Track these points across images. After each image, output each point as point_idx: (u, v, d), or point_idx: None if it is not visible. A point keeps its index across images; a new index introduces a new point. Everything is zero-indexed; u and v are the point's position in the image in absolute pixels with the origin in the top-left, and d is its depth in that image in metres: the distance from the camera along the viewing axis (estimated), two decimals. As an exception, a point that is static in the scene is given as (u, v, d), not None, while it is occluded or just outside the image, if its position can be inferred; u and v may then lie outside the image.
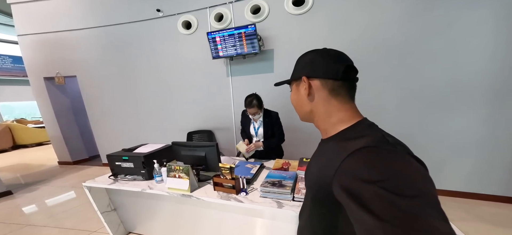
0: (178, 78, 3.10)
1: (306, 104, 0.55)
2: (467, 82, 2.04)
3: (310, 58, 0.54)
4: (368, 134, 0.43)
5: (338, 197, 0.39)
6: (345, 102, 0.51)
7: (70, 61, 3.57)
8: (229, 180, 1.29)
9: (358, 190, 0.34)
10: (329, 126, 0.52)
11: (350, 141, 0.43)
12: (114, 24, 3.17)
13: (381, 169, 0.34)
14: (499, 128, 2.04)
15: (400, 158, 0.36)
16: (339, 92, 0.50)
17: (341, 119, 0.50)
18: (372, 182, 0.33)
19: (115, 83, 3.46)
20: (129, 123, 3.60)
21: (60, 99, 4.11)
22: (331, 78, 0.50)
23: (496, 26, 1.88)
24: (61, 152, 4.32)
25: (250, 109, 1.78)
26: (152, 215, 1.79)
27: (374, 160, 0.36)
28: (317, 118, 0.55)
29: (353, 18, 2.27)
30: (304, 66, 0.54)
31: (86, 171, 3.99)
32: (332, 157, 0.43)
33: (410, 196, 0.30)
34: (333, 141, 0.49)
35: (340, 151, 0.42)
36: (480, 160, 2.15)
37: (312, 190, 0.52)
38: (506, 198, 2.12)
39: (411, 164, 0.35)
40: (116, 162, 1.67)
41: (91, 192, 1.68)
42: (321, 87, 0.51)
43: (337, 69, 0.49)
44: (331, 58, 0.51)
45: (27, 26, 3.61)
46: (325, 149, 0.51)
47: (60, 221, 2.30)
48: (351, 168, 0.38)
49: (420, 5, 2.03)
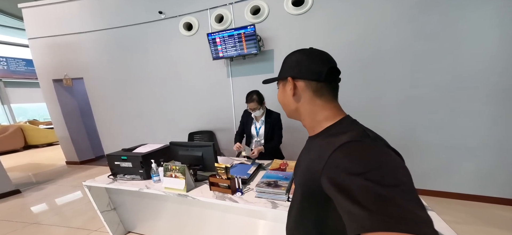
0: (179, 79, 3.11)
1: (292, 103, 0.56)
2: (471, 83, 1.96)
3: (296, 59, 0.55)
4: (351, 129, 0.45)
5: (327, 190, 0.40)
6: (329, 102, 0.53)
7: (77, 63, 3.64)
8: (224, 180, 1.26)
9: (344, 182, 0.36)
10: (315, 124, 0.54)
11: (336, 137, 0.45)
12: (118, 27, 3.21)
13: (364, 161, 0.36)
14: (506, 128, 1.94)
15: (381, 150, 0.39)
16: (322, 92, 0.52)
17: (326, 117, 0.52)
18: (357, 174, 0.35)
19: (119, 84, 3.49)
20: (133, 124, 3.63)
21: (68, 101, 4.18)
22: (315, 80, 0.52)
23: (500, 24, 1.80)
24: (69, 152, 4.39)
25: (250, 104, 1.77)
26: (151, 215, 1.77)
27: (358, 153, 0.38)
28: (303, 116, 0.56)
29: (352, 18, 2.22)
30: (291, 67, 0.55)
31: (92, 170, 4.04)
32: (320, 153, 0.44)
33: (392, 185, 0.32)
34: (319, 137, 0.51)
35: (327, 146, 0.44)
36: (486, 162, 2.05)
37: (302, 187, 0.52)
38: (511, 201, 2.01)
39: (390, 155, 0.38)
40: (115, 162, 1.67)
41: (91, 191, 1.68)
42: (306, 88, 0.53)
43: (321, 71, 0.51)
44: (315, 60, 0.52)
45: (37, 30, 3.70)
46: (313, 146, 0.52)
47: (64, 220, 2.32)
48: (337, 161, 0.39)
49: (421, 4, 1.96)
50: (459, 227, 1.75)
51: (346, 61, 2.27)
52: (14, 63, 8.27)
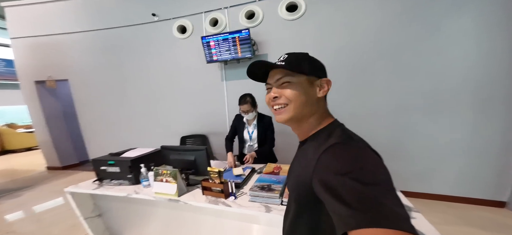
0: (172, 82, 3.05)
1: (311, 105, 0.52)
2: (454, 88, 2.06)
3: (320, 63, 0.56)
4: (337, 132, 0.48)
5: (318, 193, 0.41)
6: (325, 105, 0.56)
7: (63, 64, 3.48)
8: (217, 184, 1.24)
9: (331, 182, 0.38)
10: (310, 128, 0.54)
11: (324, 140, 0.47)
12: (108, 28, 3.12)
13: (348, 162, 0.39)
14: (486, 132, 2.05)
15: (363, 151, 0.41)
16: (325, 97, 0.56)
17: (318, 119, 0.54)
18: (342, 174, 0.37)
19: (108, 87, 3.37)
20: (121, 128, 3.49)
21: (51, 103, 3.97)
22: None
23: (477, 35, 1.93)
24: (50, 157, 4.13)
25: (243, 106, 1.75)
26: (140, 221, 1.69)
27: (343, 154, 0.41)
28: (310, 119, 0.54)
29: (344, 25, 2.30)
30: (321, 69, 0.55)
31: (75, 176, 3.82)
32: (311, 157, 0.46)
33: (373, 183, 0.34)
34: (310, 142, 0.53)
35: (316, 149, 0.46)
36: (468, 164, 2.15)
37: (294, 192, 0.53)
38: (494, 202, 2.12)
39: (371, 156, 0.41)
40: (101, 167, 1.58)
41: (75, 197, 1.58)
42: None
43: (325, 72, 0.56)
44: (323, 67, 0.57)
45: (21, 29, 3.52)
46: (305, 151, 0.52)
47: (44, 228, 2.16)
48: (324, 162, 0.42)
49: (409, 13, 2.07)
50: (443, 228, 1.82)
51: (337, 67, 2.33)
52: (-8, 64, 7.77)
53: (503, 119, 1.98)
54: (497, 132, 2.02)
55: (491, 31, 1.89)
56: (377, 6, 2.16)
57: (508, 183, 2.05)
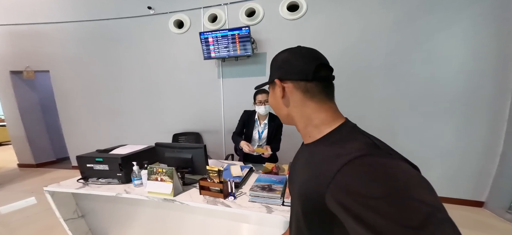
0: (166, 77, 2.89)
1: (283, 107, 0.51)
2: (441, 94, 2.12)
3: (282, 59, 0.49)
4: (356, 138, 0.39)
5: (334, 210, 0.34)
6: (323, 103, 0.46)
7: (44, 55, 3.15)
8: (216, 183, 1.17)
9: (358, 208, 0.29)
10: (311, 129, 0.47)
11: (339, 147, 0.39)
12: (99, 19, 2.90)
13: (380, 183, 0.29)
14: (468, 136, 2.12)
15: (398, 166, 0.32)
16: (314, 93, 0.46)
17: (323, 120, 0.46)
18: (374, 198, 0.28)
19: (95, 81, 3.12)
20: (108, 124, 3.24)
21: (27, 95, 3.57)
22: (303, 80, 0.46)
23: (466, 44, 1.99)
24: (22, 153, 3.69)
25: (261, 95, 1.62)
26: (127, 221, 1.55)
27: (372, 171, 0.31)
28: (297, 121, 0.50)
29: (343, 28, 2.28)
30: (278, 68, 0.50)
31: (51, 174, 3.44)
32: (323, 166, 0.38)
33: (424, 213, 0.26)
34: (319, 146, 0.44)
35: (330, 159, 0.37)
36: (451, 167, 2.22)
37: (301, 202, 0.45)
38: (473, 202, 2.22)
39: (409, 173, 0.31)
40: (87, 164, 1.43)
41: (55, 197, 1.40)
42: (294, 90, 0.47)
43: (308, 69, 0.45)
44: (302, 58, 0.47)
45: (-1, 16, 3.15)
46: (312, 156, 0.44)
47: (14, 231, 1.89)
48: (346, 181, 0.33)
49: (405, 20, 2.10)
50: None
51: (336, 68, 2.35)
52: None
53: (485, 124, 2.06)
54: (479, 136, 2.10)
55: (479, 41, 1.96)
56: (375, 12, 2.18)
57: (487, 184, 2.15)
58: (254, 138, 1.82)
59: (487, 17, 1.93)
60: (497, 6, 1.89)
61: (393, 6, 2.13)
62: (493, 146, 2.09)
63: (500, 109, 2.02)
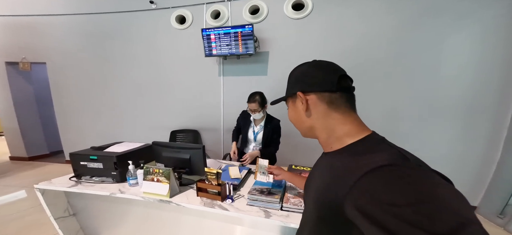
0: (165, 74, 2.81)
1: (305, 120, 0.49)
2: (445, 98, 2.07)
3: (302, 72, 0.50)
4: (383, 149, 0.38)
5: (353, 218, 0.33)
6: (348, 115, 0.46)
7: (41, 47, 3.04)
8: (214, 185, 1.12)
9: (383, 216, 0.28)
10: (333, 140, 0.46)
11: (363, 156, 0.37)
12: (99, 13, 2.80)
13: (409, 192, 0.28)
14: (468, 141, 2.08)
15: (429, 176, 0.31)
16: (338, 104, 0.45)
17: (347, 132, 0.44)
18: (400, 206, 0.27)
19: (93, 74, 3.02)
20: (104, 118, 3.14)
21: (22, 87, 3.43)
22: (327, 91, 0.45)
23: (473, 49, 1.94)
24: (15, 146, 3.55)
25: (251, 104, 1.60)
26: (121, 220, 1.48)
27: (399, 180, 0.30)
28: (319, 133, 0.49)
29: (349, 28, 2.22)
30: (298, 81, 0.50)
31: (44, 168, 3.31)
32: (343, 174, 0.37)
33: (452, 224, 0.24)
34: (340, 155, 0.43)
35: (352, 167, 0.36)
36: (447, 171, 2.22)
37: (318, 208, 0.44)
38: None
39: (441, 185, 0.30)
40: (81, 162, 1.36)
41: (45, 195, 1.32)
42: (319, 102, 0.46)
43: (332, 80, 0.45)
44: (323, 70, 0.47)
45: (-4, 7, 3.03)
46: (332, 163, 0.43)
47: (2, 226, 1.80)
48: (369, 187, 0.31)
49: (414, 22, 2.05)
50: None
51: None
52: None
53: (485, 130, 2.03)
54: (479, 142, 2.06)
55: (484, 48, 1.91)
56: (383, 12, 2.12)
57: (482, 189, 2.11)
58: (249, 139, 1.80)
59: (495, 24, 1.86)
60: (504, 14, 1.82)
61: (398, 10, 2.08)
62: (491, 153, 2.05)
63: (501, 116, 1.97)
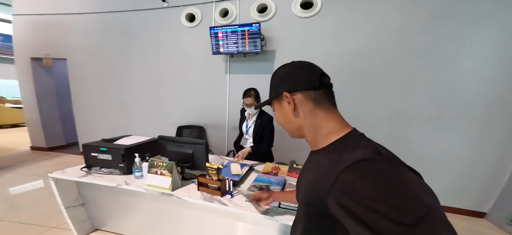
0: (174, 70, 2.87)
1: (293, 120, 0.50)
2: (461, 101, 1.98)
3: (285, 73, 0.50)
4: (361, 145, 0.39)
5: (336, 214, 0.35)
6: (331, 112, 0.48)
7: (62, 43, 3.24)
8: (215, 180, 1.14)
9: (358, 209, 0.30)
10: (320, 138, 0.47)
11: (344, 153, 0.39)
12: (115, 11, 2.93)
13: (380, 185, 0.30)
14: (483, 147, 1.99)
15: (399, 171, 0.33)
16: (322, 102, 0.47)
17: (331, 129, 0.46)
18: (372, 200, 0.29)
19: (108, 70, 3.16)
20: (117, 112, 3.26)
21: (45, 81, 3.66)
22: (312, 89, 0.47)
23: (493, 51, 1.86)
24: (36, 136, 3.77)
25: (247, 99, 1.69)
26: (125, 212, 1.53)
27: (372, 175, 0.32)
28: (306, 132, 0.50)
29: (358, 27, 2.15)
30: (282, 82, 0.50)
31: (60, 158, 3.50)
32: (326, 171, 0.39)
33: (419, 214, 0.27)
34: (325, 152, 0.45)
35: (334, 164, 0.38)
36: (459, 176, 2.08)
37: (305, 205, 0.46)
38: (474, 212, 2.10)
39: (409, 178, 0.32)
40: (92, 153, 1.42)
41: (58, 184, 1.40)
42: (305, 100, 0.47)
43: (315, 78, 0.46)
44: (306, 69, 0.49)
45: (24, 7, 3.28)
46: (318, 161, 0.45)
47: (18, 214, 1.90)
48: (347, 183, 0.34)
49: (426, 20, 1.96)
50: None
51: (346, 70, 2.21)
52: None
53: (502, 136, 1.92)
54: (493, 148, 1.96)
55: (505, 51, 1.81)
56: (395, 11, 2.03)
57: (493, 196, 2.02)
58: (243, 132, 1.91)
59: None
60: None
61: (410, 10, 2.00)
62: (506, 159, 1.95)
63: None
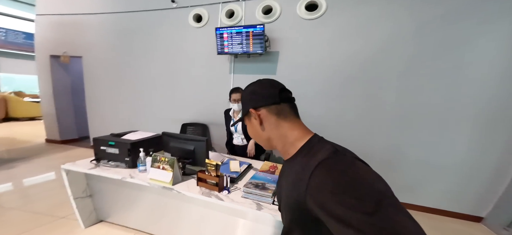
0: (181, 69, 2.96)
1: (262, 133, 0.55)
2: (463, 106, 1.96)
3: (251, 91, 0.56)
4: (322, 146, 0.45)
5: (317, 214, 0.38)
6: (294, 121, 0.52)
7: (79, 42, 3.43)
8: (213, 176, 1.18)
9: (329, 204, 0.34)
10: (288, 146, 0.52)
11: (310, 157, 0.43)
12: (128, 11, 3.08)
13: (340, 180, 0.35)
14: (483, 151, 1.97)
15: (352, 164, 0.38)
16: (285, 114, 0.52)
17: (297, 137, 0.51)
18: (338, 193, 0.33)
19: (119, 68, 3.30)
20: (126, 108, 3.40)
21: (61, 77, 3.87)
22: (273, 104, 0.52)
23: (500, 55, 1.82)
24: (50, 129, 3.98)
25: (235, 94, 1.82)
26: (130, 205, 1.60)
27: (333, 171, 0.37)
28: (276, 143, 0.54)
29: (364, 30, 2.14)
30: (249, 100, 0.55)
31: (72, 151, 3.67)
32: (299, 176, 0.43)
33: (375, 200, 0.31)
34: (297, 158, 0.49)
35: (304, 168, 0.42)
36: (457, 181, 2.05)
37: (288, 212, 0.49)
38: (471, 217, 2.06)
39: (362, 168, 0.38)
40: (101, 146, 1.51)
41: (69, 175, 1.49)
42: (269, 114, 0.52)
43: (274, 93, 0.52)
44: (267, 87, 0.54)
45: (47, 7, 3.52)
46: (290, 169, 0.49)
47: (29, 204, 1.98)
48: (317, 182, 0.38)
49: (431, 24, 1.94)
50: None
51: (350, 73, 2.21)
52: (13, 35, 7.69)
53: (503, 141, 1.90)
54: (494, 153, 1.94)
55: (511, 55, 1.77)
56: (402, 13, 2.01)
57: (491, 201, 1.99)
58: (231, 130, 1.98)
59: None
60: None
61: (416, 12, 1.97)
62: (507, 164, 1.91)
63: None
